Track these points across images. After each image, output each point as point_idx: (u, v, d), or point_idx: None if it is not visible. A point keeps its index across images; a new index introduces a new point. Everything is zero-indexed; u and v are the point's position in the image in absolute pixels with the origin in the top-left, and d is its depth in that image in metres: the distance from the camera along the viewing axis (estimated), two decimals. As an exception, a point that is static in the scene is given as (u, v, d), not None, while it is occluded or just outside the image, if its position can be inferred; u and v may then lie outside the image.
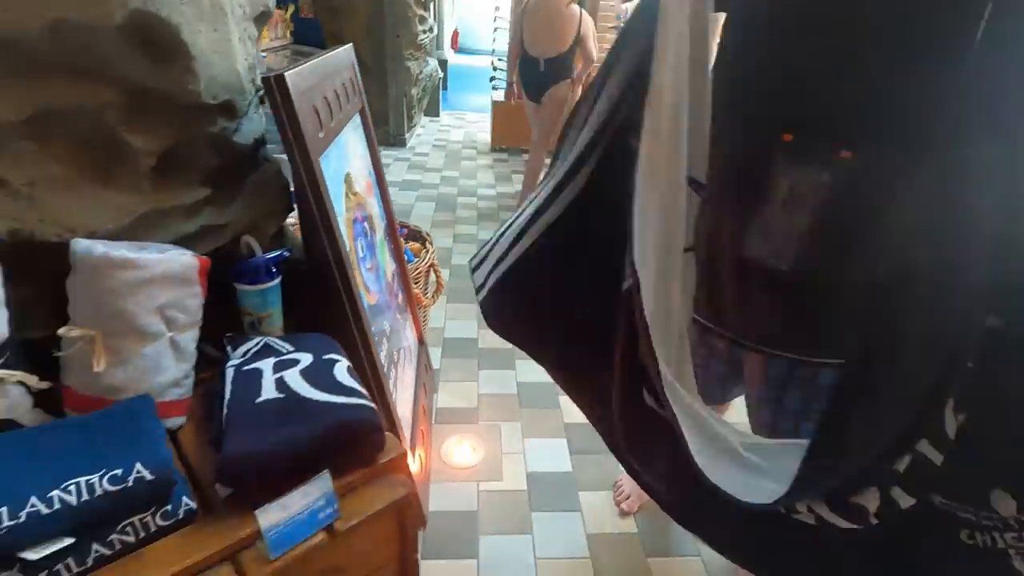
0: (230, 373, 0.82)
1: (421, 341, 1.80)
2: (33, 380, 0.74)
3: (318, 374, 0.83)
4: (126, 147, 0.84)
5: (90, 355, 0.75)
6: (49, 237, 0.78)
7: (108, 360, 0.75)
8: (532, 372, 2.03)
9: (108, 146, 0.83)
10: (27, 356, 0.77)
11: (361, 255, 1.21)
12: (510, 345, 1.10)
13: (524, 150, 5.12)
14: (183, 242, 0.90)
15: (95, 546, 0.60)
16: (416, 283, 1.88)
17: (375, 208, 1.45)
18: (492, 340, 2.34)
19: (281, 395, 0.77)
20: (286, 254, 0.93)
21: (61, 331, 0.75)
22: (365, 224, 1.31)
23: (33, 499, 0.56)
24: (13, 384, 0.72)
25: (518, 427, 1.75)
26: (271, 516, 0.64)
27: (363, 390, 0.82)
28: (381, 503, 0.74)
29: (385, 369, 1.15)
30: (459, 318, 2.35)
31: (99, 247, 0.74)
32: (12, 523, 0.54)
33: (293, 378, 0.81)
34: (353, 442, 0.75)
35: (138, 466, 0.61)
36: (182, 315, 0.81)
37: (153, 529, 0.63)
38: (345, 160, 1.22)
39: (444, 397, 1.86)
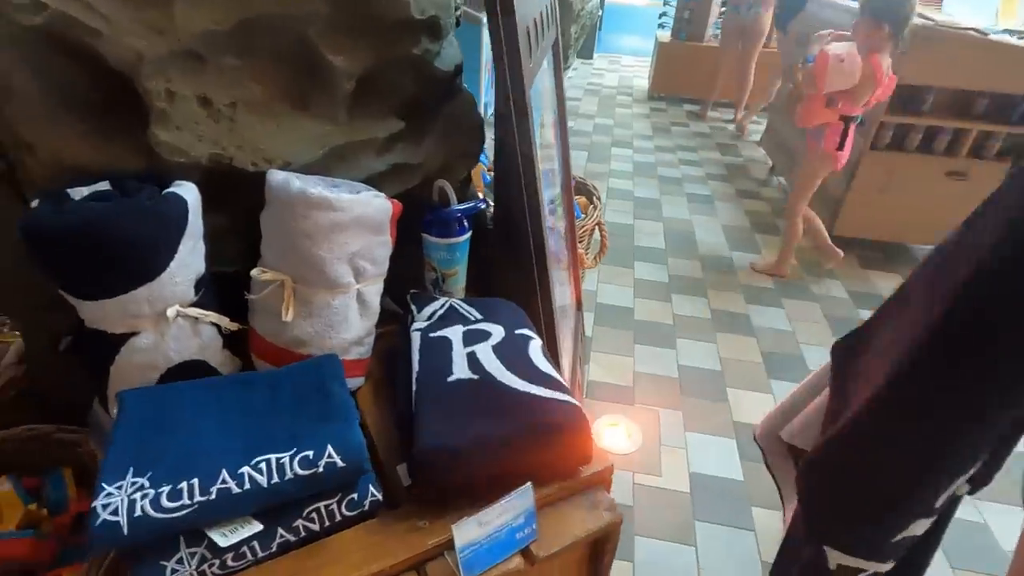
0: (416, 338, 0.71)
1: (579, 306, 1.65)
2: (226, 321, 0.69)
3: (513, 354, 0.69)
4: (326, 67, 0.73)
5: (279, 301, 0.68)
6: (246, 165, 0.71)
7: (297, 310, 0.68)
8: (696, 353, 1.80)
9: (308, 66, 0.73)
10: (218, 291, 0.72)
11: (547, 211, 1.06)
12: (670, 319, 0.90)
13: (685, 99, 4.63)
14: (372, 182, 0.80)
15: (280, 531, 0.52)
16: (580, 242, 1.72)
17: (556, 159, 1.28)
18: (650, 311, 2.13)
19: (475, 376, 0.65)
20: (482, 206, 0.79)
21: (253, 273, 0.68)
22: (550, 176, 1.14)
23: (224, 474, 0.49)
24: (206, 324, 0.68)
25: (679, 417, 1.56)
26: (468, 532, 0.53)
27: (564, 381, 0.68)
28: (582, 528, 0.60)
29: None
30: (613, 282, 2.16)
31: (296, 182, 0.65)
32: (203, 499, 0.47)
33: (486, 355, 0.68)
34: (557, 448, 0.61)
35: (330, 450, 0.52)
36: (370, 265, 0.71)
37: (338, 518, 0.55)
38: (539, 99, 1.05)
39: (595, 370, 1.71)
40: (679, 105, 4.58)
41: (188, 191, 0.63)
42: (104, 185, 0.63)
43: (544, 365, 0.69)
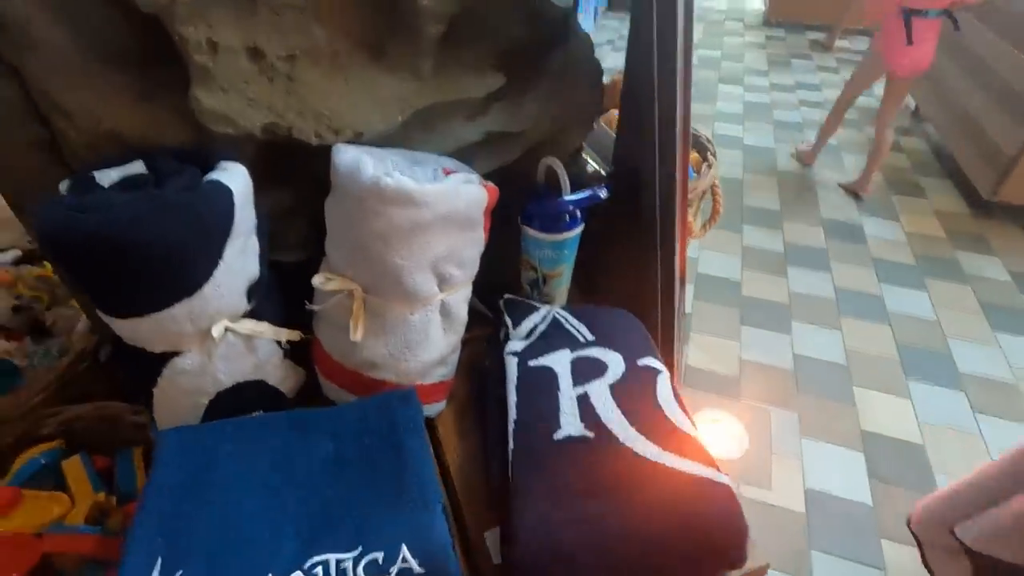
0: (513, 367, 0.56)
1: (682, 281, 1.43)
2: (285, 335, 0.57)
3: (638, 400, 0.53)
4: (408, 5, 0.55)
5: (347, 315, 0.55)
6: (309, 137, 0.56)
7: (368, 326, 0.54)
8: (815, 342, 1.55)
9: (386, 4, 0.56)
10: (280, 285, 0.60)
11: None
12: (784, 297, 0.70)
13: (809, 26, 3.98)
14: (462, 154, 0.64)
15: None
16: (689, 206, 1.48)
17: None
18: (761, 286, 1.86)
19: (589, 433, 0.50)
20: (602, 194, 0.61)
21: (316, 280, 0.54)
22: None
23: (269, 580, 0.37)
24: (259, 339, 0.56)
25: (794, 419, 1.35)
26: None
27: (706, 445, 0.51)
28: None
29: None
30: (718, 249, 1.91)
31: (368, 167, 0.50)
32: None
33: (603, 400, 0.53)
34: (702, 547, 0.45)
35: (405, 552, 0.39)
36: (457, 270, 0.56)
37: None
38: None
39: (695, 353, 1.52)
40: (800, 33, 3.96)
41: (234, 176, 0.49)
42: (138, 166, 0.51)
43: (679, 418, 0.52)
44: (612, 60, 3.18)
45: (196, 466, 0.44)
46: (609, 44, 3.64)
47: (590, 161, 0.78)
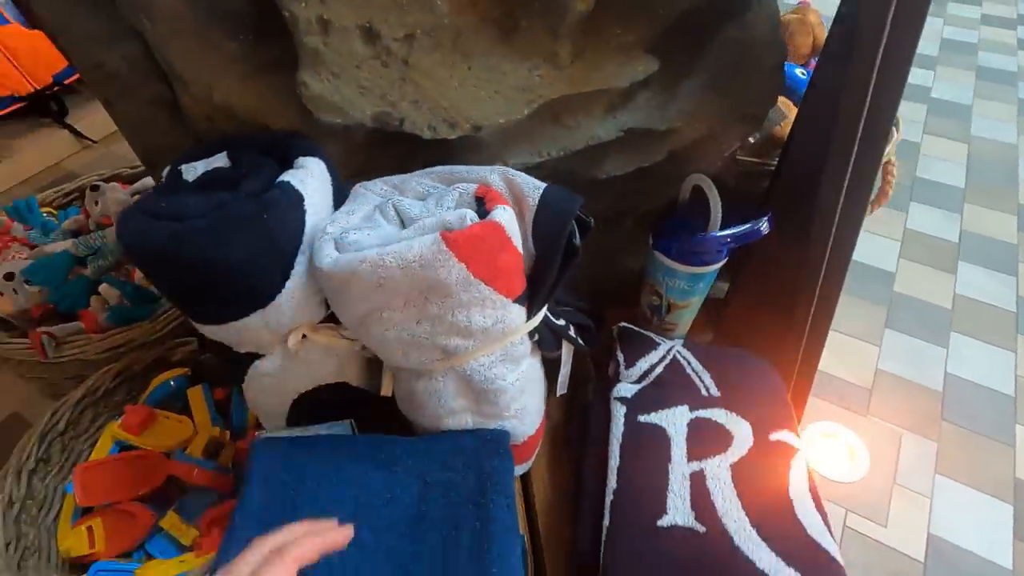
0: (620, 418, 0.50)
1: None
2: (359, 345, 0.54)
3: (764, 490, 0.45)
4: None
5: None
6: (422, 129, 0.49)
7: (390, 385, 0.50)
8: (978, 361, 1.31)
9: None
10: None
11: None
12: (948, 299, 0.56)
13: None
14: (591, 153, 0.54)
15: None
16: (850, 187, 1.25)
17: None
18: (920, 282, 1.57)
19: (700, 528, 0.43)
20: (763, 231, 0.49)
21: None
22: None
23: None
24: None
25: (931, 450, 1.17)
26: None
27: (840, 560, 0.42)
28: None
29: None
30: (872, 229, 1.63)
31: (322, 241, 0.42)
32: None
33: (720, 485, 0.45)
34: None
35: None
36: (462, 340, 0.44)
37: None
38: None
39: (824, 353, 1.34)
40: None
41: (308, 177, 0.45)
42: (221, 159, 0.48)
43: (813, 522, 0.44)
44: None
45: (280, 495, 0.43)
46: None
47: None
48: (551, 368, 0.52)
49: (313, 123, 0.50)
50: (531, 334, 0.47)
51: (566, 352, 0.49)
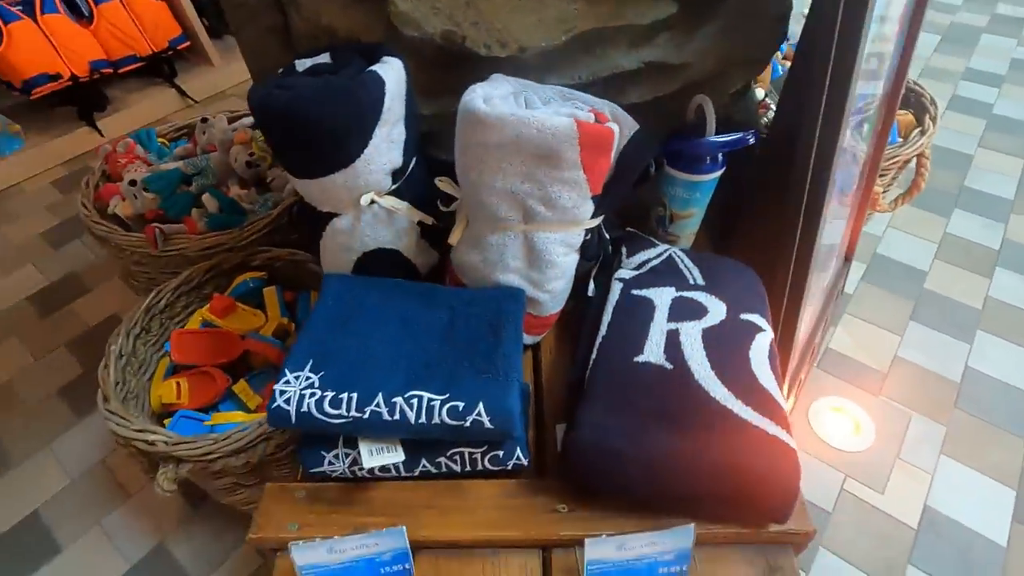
0: (616, 291, 0.60)
1: (847, 257, 1.30)
2: (418, 215, 0.66)
3: (727, 347, 0.55)
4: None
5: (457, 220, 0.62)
6: (479, 47, 0.62)
7: (460, 234, 0.62)
8: (1001, 358, 1.33)
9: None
10: (425, 176, 0.70)
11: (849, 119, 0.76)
12: (979, 300, 0.61)
13: None
14: (616, 82, 0.65)
15: (423, 461, 0.52)
16: (881, 176, 1.30)
17: (894, 42, 0.89)
18: (952, 282, 1.59)
19: (668, 364, 0.53)
20: (750, 139, 0.59)
21: (437, 181, 0.62)
22: (875, 66, 0.79)
23: (380, 398, 0.48)
24: (401, 214, 0.66)
25: (939, 433, 1.20)
26: (602, 551, 0.46)
27: (784, 405, 0.52)
28: (746, 591, 0.48)
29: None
30: (910, 231, 1.66)
31: (473, 93, 0.54)
32: (358, 415, 0.48)
33: (691, 339, 0.55)
34: (748, 496, 0.48)
35: (481, 408, 0.48)
36: (543, 207, 0.56)
37: (479, 467, 0.53)
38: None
39: (841, 337, 1.39)
40: None
41: (389, 70, 0.58)
42: (324, 57, 0.62)
43: (764, 375, 0.53)
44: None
45: (346, 306, 0.56)
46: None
47: (771, 105, 0.74)
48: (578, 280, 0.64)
49: (395, 39, 0.63)
50: (587, 232, 0.59)
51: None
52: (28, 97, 1.72)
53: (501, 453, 0.52)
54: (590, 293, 0.64)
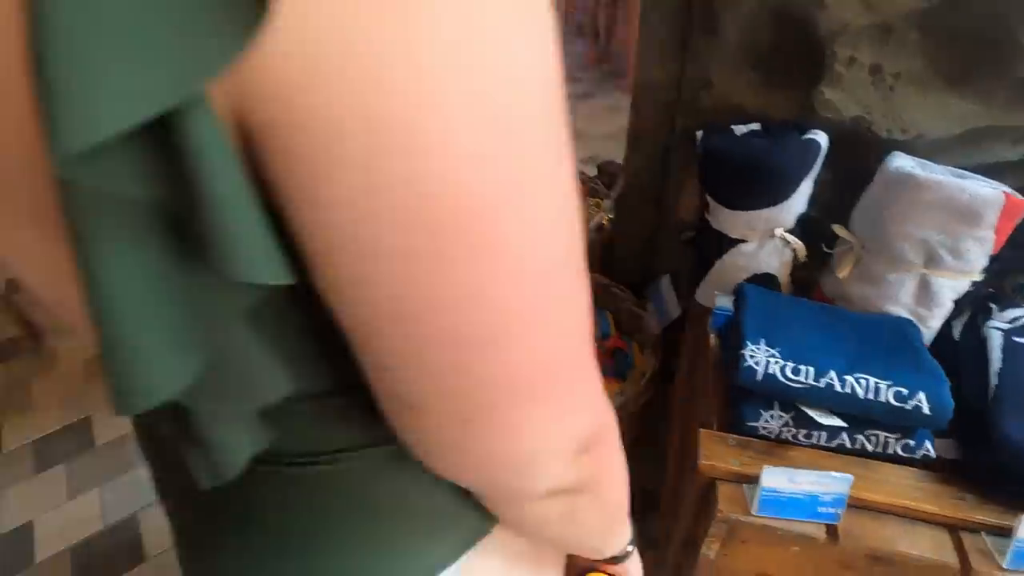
0: (997, 337, 0.71)
1: None
2: (803, 251, 0.82)
3: None
4: (1010, 46, 0.72)
5: (843, 259, 0.77)
6: (881, 131, 0.79)
7: (855, 273, 0.76)
8: None
9: (989, 43, 0.74)
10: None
11: None
12: None
13: None
14: (997, 170, 0.78)
15: (844, 435, 0.64)
16: None
17: None
18: None
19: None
20: None
21: (835, 227, 0.78)
22: None
23: (832, 374, 0.62)
24: (789, 249, 0.82)
25: None
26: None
27: None
28: None
29: None
30: None
31: (900, 159, 0.71)
32: (815, 383, 0.62)
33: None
34: None
35: (921, 396, 0.60)
36: (949, 256, 0.68)
37: (889, 451, 0.64)
38: None
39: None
40: None
41: (822, 138, 0.76)
42: (756, 126, 0.82)
43: None
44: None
45: (769, 306, 0.71)
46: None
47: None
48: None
49: (805, 119, 0.82)
50: (972, 284, 0.71)
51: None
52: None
53: (913, 442, 0.62)
54: (956, 336, 0.75)
